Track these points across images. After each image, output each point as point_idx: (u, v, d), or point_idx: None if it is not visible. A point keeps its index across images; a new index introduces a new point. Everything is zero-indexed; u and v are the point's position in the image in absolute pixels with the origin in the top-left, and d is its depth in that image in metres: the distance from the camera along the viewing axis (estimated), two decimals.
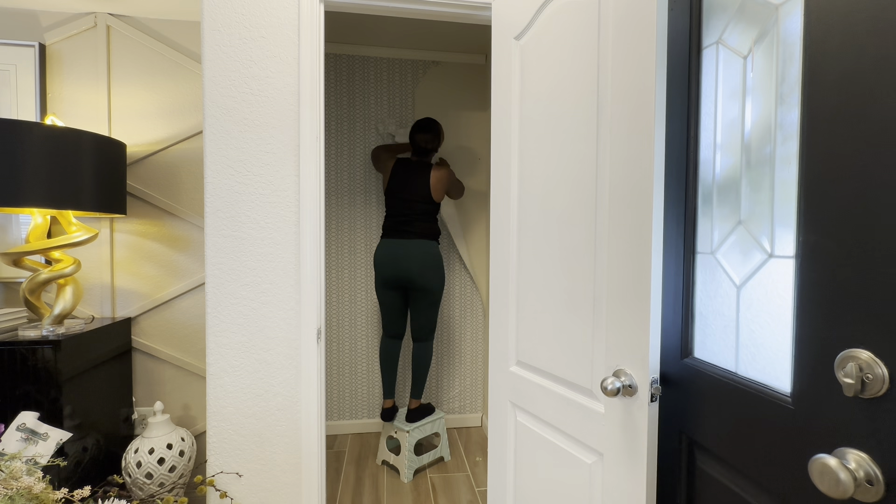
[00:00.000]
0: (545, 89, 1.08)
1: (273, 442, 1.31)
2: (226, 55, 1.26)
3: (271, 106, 1.27)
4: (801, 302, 0.60)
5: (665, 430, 0.86)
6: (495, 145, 1.27)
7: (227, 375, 1.29)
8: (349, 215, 2.56)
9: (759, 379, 0.70)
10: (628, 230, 0.85)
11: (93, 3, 1.64)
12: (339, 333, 2.58)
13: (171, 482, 1.50)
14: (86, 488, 0.94)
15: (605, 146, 0.90)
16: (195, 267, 1.78)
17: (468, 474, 2.19)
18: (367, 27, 2.28)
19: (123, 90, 1.72)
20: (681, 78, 0.85)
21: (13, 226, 1.67)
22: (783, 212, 0.66)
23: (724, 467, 0.75)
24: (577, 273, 0.97)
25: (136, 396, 1.77)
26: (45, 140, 1.30)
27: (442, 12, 1.39)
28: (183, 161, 1.76)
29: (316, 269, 1.31)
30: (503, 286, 1.24)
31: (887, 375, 0.50)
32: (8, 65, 1.62)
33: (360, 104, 2.54)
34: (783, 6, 0.66)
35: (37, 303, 1.44)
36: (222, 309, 1.28)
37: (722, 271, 0.78)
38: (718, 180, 0.79)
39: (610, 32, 0.89)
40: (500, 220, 1.26)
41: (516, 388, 1.20)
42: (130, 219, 1.74)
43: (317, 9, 1.29)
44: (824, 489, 0.53)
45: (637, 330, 0.83)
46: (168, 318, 1.78)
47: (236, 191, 1.27)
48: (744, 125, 0.74)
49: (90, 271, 1.70)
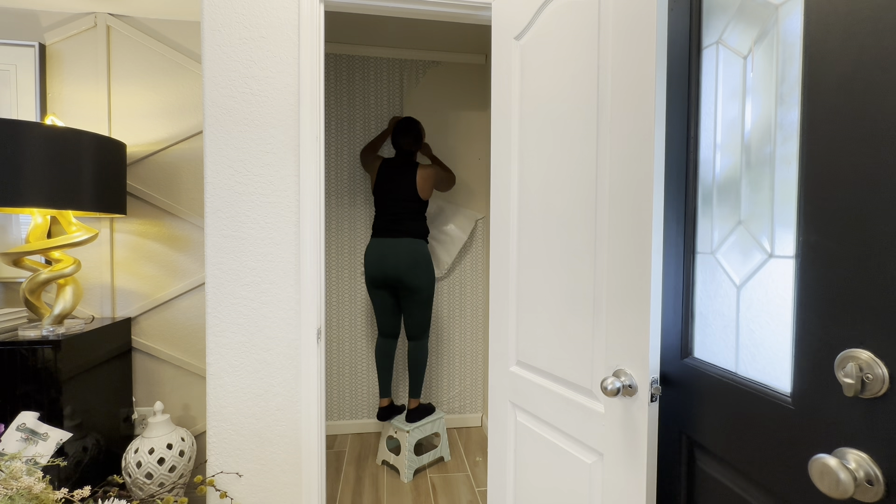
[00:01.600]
0: (545, 89, 1.08)
1: (273, 442, 1.31)
2: (226, 55, 1.26)
3: (271, 106, 1.28)
4: (801, 302, 0.60)
5: (665, 430, 0.86)
6: (495, 145, 1.27)
7: (227, 375, 1.29)
8: (349, 215, 2.56)
9: (759, 379, 0.70)
10: (628, 230, 0.85)
11: (93, 3, 1.64)
12: (339, 333, 2.58)
13: (171, 482, 1.50)
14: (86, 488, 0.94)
15: (605, 146, 0.90)
16: (195, 267, 1.78)
17: (468, 474, 2.19)
18: (367, 27, 2.28)
19: (123, 90, 1.72)
20: (681, 78, 0.85)
21: (13, 226, 1.67)
22: (783, 212, 0.66)
23: (724, 467, 0.75)
24: (577, 273, 0.97)
25: (136, 396, 1.77)
26: (45, 140, 1.30)
27: (442, 12, 1.39)
28: (183, 161, 1.76)
29: (316, 269, 1.31)
30: (503, 286, 1.24)
31: (887, 375, 0.50)
32: (8, 65, 1.62)
33: (360, 104, 2.54)
34: (783, 6, 0.66)
35: (37, 303, 1.44)
36: (222, 309, 1.28)
37: (722, 271, 0.78)
38: (718, 180, 0.79)
39: (610, 32, 0.89)
40: (500, 220, 1.26)
41: (516, 388, 1.20)
42: (130, 219, 1.74)
43: (317, 9, 1.29)
44: (824, 489, 0.53)
45: (637, 330, 0.83)
46: (168, 318, 1.78)
47: (236, 191, 1.27)
48: (744, 125, 0.74)
49: (90, 271, 1.70)
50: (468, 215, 2.63)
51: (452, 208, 2.63)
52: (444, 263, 2.59)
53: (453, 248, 2.59)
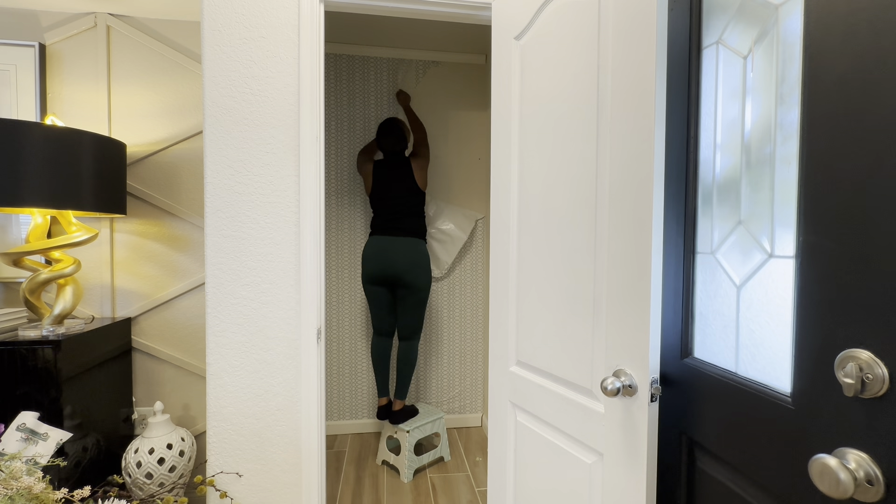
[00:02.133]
0: (545, 89, 1.08)
1: (273, 442, 1.31)
2: (226, 55, 1.26)
3: (271, 106, 1.28)
4: (801, 302, 0.60)
5: (665, 430, 0.86)
6: (495, 145, 1.27)
7: (227, 375, 1.29)
8: (349, 215, 2.56)
9: (759, 379, 0.70)
10: (628, 230, 0.85)
11: (93, 3, 1.64)
12: (339, 333, 2.58)
13: (171, 482, 1.50)
14: (86, 488, 0.94)
15: (605, 146, 0.90)
16: (195, 267, 1.78)
17: (468, 474, 2.18)
18: (367, 27, 2.28)
19: (123, 90, 1.72)
20: (681, 78, 0.85)
21: (13, 226, 1.67)
22: (783, 212, 0.66)
23: (724, 467, 0.75)
24: (577, 273, 0.97)
25: (136, 396, 1.77)
26: (45, 140, 1.30)
27: (442, 12, 1.39)
28: (183, 161, 1.76)
29: (316, 269, 1.31)
30: (503, 286, 1.24)
31: (887, 375, 0.50)
32: (8, 65, 1.62)
33: (360, 104, 2.54)
34: (783, 6, 0.66)
35: (37, 303, 1.44)
36: (222, 309, 1.28)
37: (722, 271, 0.78)
38: (718, 180, 0.79)
39: (610, 32, 0.89)
40: (500, 220, 1.26)
41: (516, 388, 1.20)
42: (130, 219, 1.74)
43: (317, 9, 1.29)
44: (824, 489, 0.53)
45: (637, 330, 0.83)
46: (168, 318, 1.78)
47: (236, 191, 1.27)
48: (744, 125, 0.74)
49: (90, 271, 1.70)
50: (468, 215, 2.63)
51: (452, 208, 2.62)
52: (444, 263, 2.59)
53: (453, 248, 2.59)
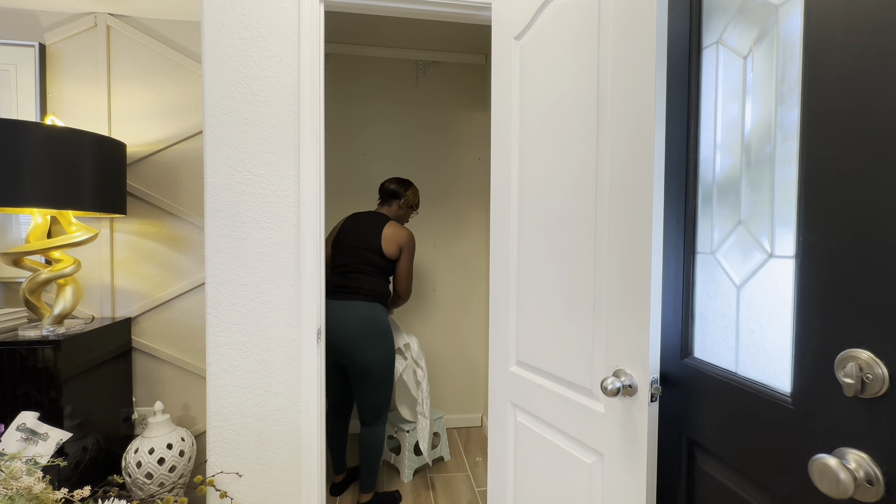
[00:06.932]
0: (545, 89, 1.08)
1: (273, 442, 1.31)
2: (226, 55, 1.26)
3: (271, 106, 1.27)
4: (801, 302, 0.60)
5: (665, 430, 0.86)
6: (495, 145, 1.27)
7: (227, 375, 1.29)
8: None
9: (759, 379, 0.70)
10: (628, 230, 0.84)
11: (93, 3, 1.64)
12: None
13: (171, 482, 1.50)
14: (86, 488, 0.94)
15: (605, 146, 0.90)
16: (195, 267, 1.78)
17: (468, 474, 2.18)
18: (367, 27, 2.28)
19: (123, 90, 1.72)
20: (681, 78, 0.85)
21: (13, 226, 1.67)
22: (783, 212, 0.66)
23: (724, 467, 0.75)
24: (577, 273, 0.97)
25: (136, 396, 1.77)
26: (45, 140, 1.30)
27: (442, 12, 1.39)
28: (183, 161, 1.76)
29: (316, 269, 1.31)
30: (503, 286, 1.24)
31: (887, 375, 0.50)
32: (8, 65, 1.62)
33: (360, 104, 2.54)
34: (783, 6, 0.66)
35: (37, 303, 1.44)
36: (222, 309, 1.28)
37: (722, 271, 0.78)
38: (718, 180, 0.79)
39: (610, 32, 0.89)
40: (500, 220, 1.26)
41: (516, 388, 1.20)
42: (130, 219, 1.74)
43: (317, 9, 1.29)
44: (824, 489, 0.53)
45: (637, 330, 0.83)
46: (168, 318, 1.78)
47: (236, 191, 1.27)
48: (744, 125, 0.74)
49: (90, 271, 1.70)
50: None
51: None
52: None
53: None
